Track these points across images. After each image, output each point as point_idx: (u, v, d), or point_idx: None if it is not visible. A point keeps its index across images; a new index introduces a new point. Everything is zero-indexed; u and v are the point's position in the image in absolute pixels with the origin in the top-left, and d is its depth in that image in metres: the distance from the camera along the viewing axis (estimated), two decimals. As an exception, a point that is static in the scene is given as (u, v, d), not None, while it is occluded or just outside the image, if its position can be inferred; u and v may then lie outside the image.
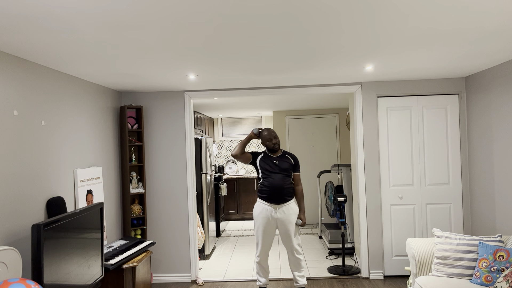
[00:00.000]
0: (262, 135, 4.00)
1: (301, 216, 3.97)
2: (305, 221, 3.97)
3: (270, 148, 3.97)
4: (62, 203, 3.26)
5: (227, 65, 3.45)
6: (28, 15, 2.06)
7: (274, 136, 3.96)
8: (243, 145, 3.97)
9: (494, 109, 3.92)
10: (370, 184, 4.61)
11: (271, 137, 3.95)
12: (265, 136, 3.97)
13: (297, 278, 4.01)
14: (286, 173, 3.92)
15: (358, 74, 4.10)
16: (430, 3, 2.09)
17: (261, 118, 8.93)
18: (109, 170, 4.31)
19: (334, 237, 5.61)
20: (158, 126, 4.75)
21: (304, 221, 3.95)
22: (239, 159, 3.98)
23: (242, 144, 3.97)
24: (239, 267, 5.21)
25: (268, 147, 3.97)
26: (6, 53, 2.72)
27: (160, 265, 4.77)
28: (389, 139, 4.61)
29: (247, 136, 4.01)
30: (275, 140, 3.95)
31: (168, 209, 4.75)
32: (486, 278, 3.05)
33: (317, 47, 2.91)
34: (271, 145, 3.95)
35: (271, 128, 3.98)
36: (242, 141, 3.98)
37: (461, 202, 4.56)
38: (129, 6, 1.99)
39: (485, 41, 2.91)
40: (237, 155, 3.95)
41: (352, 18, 2.28)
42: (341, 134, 7.79)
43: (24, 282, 2.20)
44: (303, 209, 4.00)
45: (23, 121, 2.88)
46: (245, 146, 3.98)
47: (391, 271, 4.61)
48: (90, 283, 3.11)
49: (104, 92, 4.28)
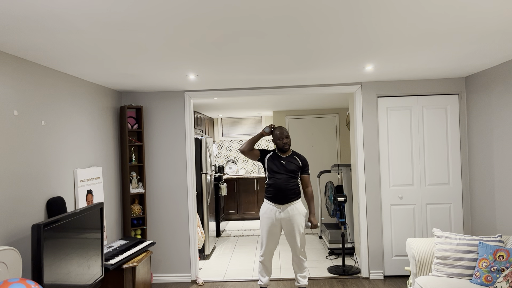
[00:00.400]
0: (274, 133, 3.95)
1: (311, 218, 3.92)
2: (316, 223, 3.89)
3: (280, 147, 3.93)
4: (62, 203, 3.26)
5: (227, 65, 3.45)
6: (28, 15, 2.06)
7: (286, 136, 3.90)
8: (252, 142, 3.92)
9: (494, 109, 3.92)
10: (370, 184, 4.61)
11: (282, 136, 3.89)
12: (276, 135, 3.92)
13: (299, 278, 4.01)
14: (292, 174, 3.88)
15: (358, 74, 4.10)
16: (429, 4, 2.09)
17: (261, 118, 8.93)
18: (109, 170, 4.31)
19: (334, 237, 5.61)
20: (158, 126, 4.75)
21: (314, 223, 3.89)
22: (246, 155, 3.95)
23: (251, 141, 3.93)
24: (239, 267, 5.21)
25: (278, 145, 3.93)
26: (6, 53, 2.72)
27: (160, 265, 4.77)
28: (389, 139, 4.61)
29: (258, 133, 3.98)
30: (286, 140, 3.90)
31: (168, 209, 4.75)
32: (486, 278, 3.05)
33: (317, 47, 2.91)
34: (281, 144, 3.90)
35: (284, 127, 3.93)
36: (252, 138, 3.94)
37: (461, 202, 4.56)
38: (129, 7, 1.99)
39: (485, 41, 2.91)
40: (244, 151, 3.92)
41: (351, 19, 2.28)
42: (341, 134, 7.79)
43: (24, 282, 2.20)
44: (313, 211, 3.93)
45: (23, 121, 2.88)
46: (255, 143, 3.94)
47: (391, 271, 4.61)
48: (90, 283, 3.11)
49: (104, 92, 4.28)
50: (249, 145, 3.92)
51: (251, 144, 3.92)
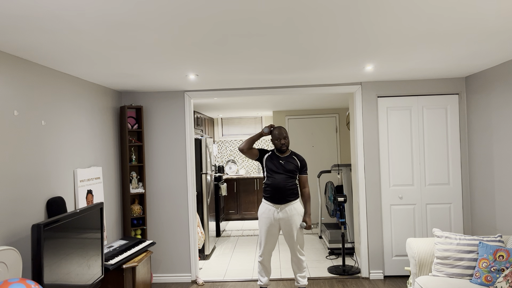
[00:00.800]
0: (273, 133, 3.97)
1: (306, 219, 3.94)
2: (310, 224, 3.93)
3: (277, 148, 3.95)
4: (62, 203, 3.26)
5: (227, 65, 3.45)
6: (29, 15, 2.06)
7: (284, 137, 3.92)
8: (252, 141, 3.95)
9: (494, 109, 3.92)
10: (370, 184, 4.61)
11: (280, 137, 3.91)
12: (275, 135, 3.94)
13: (298, 278, 4.01)
14: (290, 174, 3.90)
15: (358, 74, 4.10)
16: (429, 5, 2.09)
17: (261, 118, 8.93)
18: (109, 170, 4.31)
19: (334, 237, 5.61)
20: (158, 126, 4.75)
21: (309, 224, 3.92)
22: (245, 154, 3.97)
23: (251, 140, 3.95)
24: (239, 267, 5.21)
25: (276, 145, 3.95)
26: (6, 53, 2.72)
27: (160, 265, 4.77)
28: (389, 139, 4.61)
29: (257, 133, 3.98)
30: (284, 140, 3.92)
31: (168, 209, 4.75)
32: (486, 278, 3.05)
33: (317, 47, 2.91)
34: (279, 144, 3.92)
35: (283, 128, 3.95)
36: (251, 137, 3.96)
37: (461, 202, 4.56)
38: (129, 7, 1.99)
39: (485, 41, 2.91)
40: (243, 149, 3.94)
41: (351, 20, 2.28)
42: (341, 134, 7.79)
43: (24, 282, 2.20)
44: (309, 212, 3.96)
45: (23, 121, 2.88)
46: (254, 142, 3.96)
47: (391, 271, 4.61)
48: (90, 283, 3.11)
49: (104, 92, 4.28)
50: (248, 144, 3.94)
51: (250, 143, 3.94)
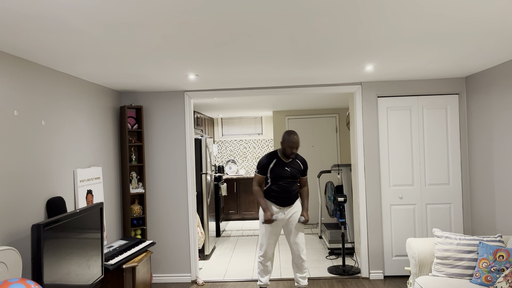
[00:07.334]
0: (288, 137, 3.89)
1: (303, 213, 4.03)
2: (308, 219, 4.03)
3: (286, 154, 3.94)
4: (62, 203, 3.26)
5: (227, 65, 3.45)
6: (28, 15, 2.06)
7: (296, 147, 3.92)
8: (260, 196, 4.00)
9: (494, 109, 3.92)
10: (370, 184, 4.60)
11: (295, 146, 3.88)
12: (291, 142, 3.88)
13: (299, 278, 4.03)
14: (296, 178, 4.00)
15: (358, 74, 4.10)
16: (429, 5, 2.09)
17: (261, 118, 8.93)
18: (109, 170, 4.31)
19: (334, 237, 5.61)
20: (158, 126, 4.75)
21: (306, 219, 4.01)
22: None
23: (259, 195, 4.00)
24: (239, 267, 5.21)
25: (285, 151, 3.93)
26: (6, 53, 2.72)
27: (160, 265, 4.77)
28: (389, 139, 4.61)
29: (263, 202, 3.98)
30: (296, 150, 3.93)
31: (168, 209, 4.75)
32: (486, 278, 3.05)
33: (317, 48, 2.91)
34: (289, 151, 3.90)
35: (297, 138, 3.93)
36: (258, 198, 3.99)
37: (461, 202, 4.56)
38: (129, 7, 1.99)
39: (485, 41, 2.91)
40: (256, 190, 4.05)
41: (351, 20, 2.28)
42: (341, 134, 7.79)
43: (24, 282, 2.20)
44: (307, 207, 4.07)
45: (23, 121, 2.88)
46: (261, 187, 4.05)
47: (391, 271, 4.61)
48: (90, 283, 3.11)
49: (104, 92, 4.28)
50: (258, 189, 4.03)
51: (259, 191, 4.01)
